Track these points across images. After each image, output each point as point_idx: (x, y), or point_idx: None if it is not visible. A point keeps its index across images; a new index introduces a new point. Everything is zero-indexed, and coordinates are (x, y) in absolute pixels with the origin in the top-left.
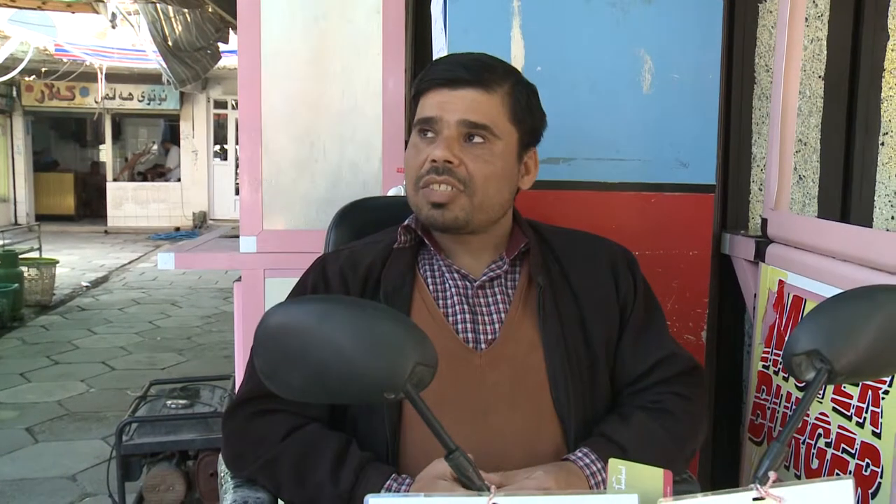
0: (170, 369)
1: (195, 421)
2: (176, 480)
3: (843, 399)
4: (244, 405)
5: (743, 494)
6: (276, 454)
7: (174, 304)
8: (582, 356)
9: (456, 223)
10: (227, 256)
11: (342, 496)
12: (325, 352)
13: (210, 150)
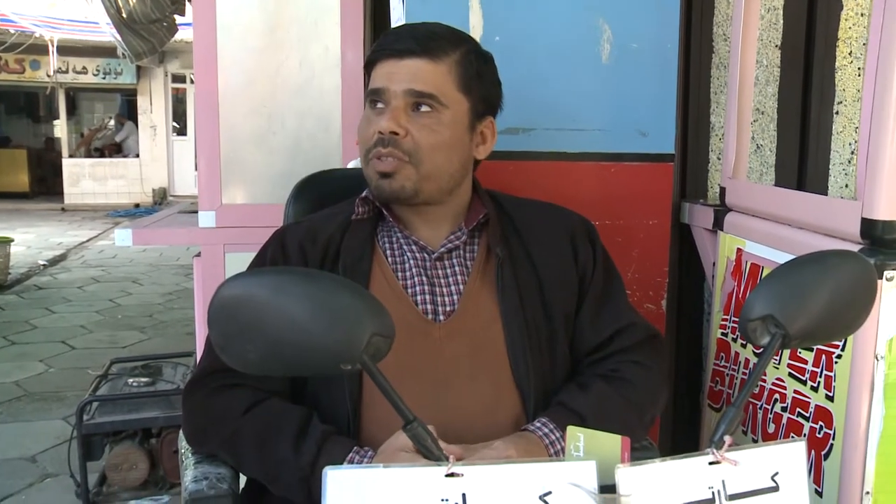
0: (131, 347)
1: (157, 399)
2: (139, 459)
3: (798, 364)
4: (204, 380)
5: (699, 459)
6: (237, 429)
7: (135, 281)
8: (541, 327)
9: (403, 193)
10: (186, 232)
11: (304, 469)
12: (279, 324)
13: (169, 126)
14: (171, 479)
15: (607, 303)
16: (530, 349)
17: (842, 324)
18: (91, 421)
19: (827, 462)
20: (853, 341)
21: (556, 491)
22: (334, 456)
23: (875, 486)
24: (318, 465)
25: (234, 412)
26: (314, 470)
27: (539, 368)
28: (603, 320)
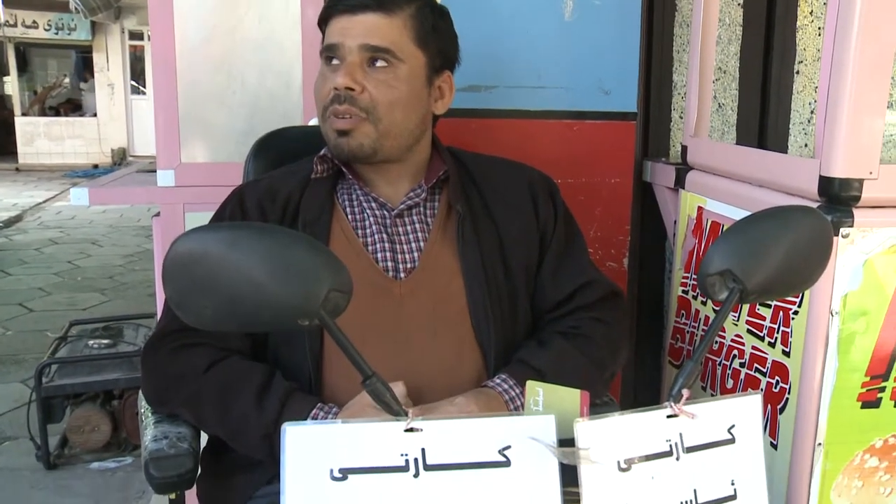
0: (92, 309)
1: (119, 360)
2: (101, 421)
3: (756, 321)
4: (163, 339)
5: (657, 412)
6: (197, 388)
7: (94, 243)
8: (502, 283)
9: (361, 151)
10: (145, 191)
11: (267, 426)
12: (235, 279)
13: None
14: (133, 441)
15: (568, 259)
16: (491, 305)
17: (799, 279)
18: (51, 383)
19: (782, 416)
20: (809, 298)
21: (515, 445)
22: (297, 412)
23: (827, 437)
24: (281, 422)
25: (194, 371)
26: (277, 427)
27: (500, 325)
28: (564, 277)
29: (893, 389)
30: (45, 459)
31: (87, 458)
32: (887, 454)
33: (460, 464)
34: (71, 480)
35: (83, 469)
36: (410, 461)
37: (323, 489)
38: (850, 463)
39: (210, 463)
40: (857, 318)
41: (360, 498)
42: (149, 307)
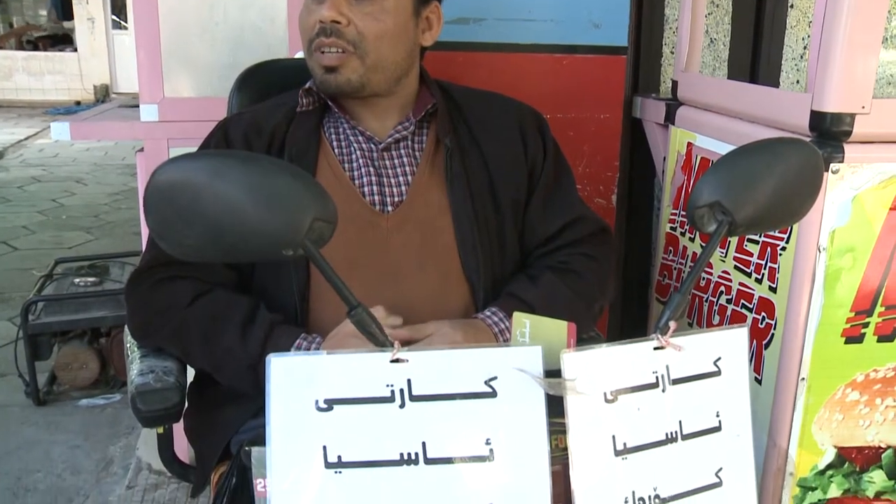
0: (78, 248)
1: (105, 298)
2: (89, 358)
3: (743, 257)
4: (147, 273)
5: (644, 344)
6: (182, 321)
7: (79, 181)
8: (490, 217)
9: (349, 86)
10: (128, 126)
11: (251, 357)
12: (218, 208)
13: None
14: (121, 378)
15: (557, 195)
16: (479, 239)
17: (788, 212)
18: (37, 321)
19: (767, 351)
20: (797, 234)
21: (501, 376)
22: (281, 343)
23: (810, 372)
24: (266, 353)
25: (178, 304)
26: (261, 358)
27: (488, 259)
28: (553, 213)
29: (877, 325)
30: (35, 396)
31: (75, 395)
32: (868, 388)
33: (446, 394)
34: (60, 417)
35: (72, 406)
36: (396, 392)
37: (308, 420)
38: (831, 397)
39: (196, 398)
40: (844, 255)
41: (345, 428)
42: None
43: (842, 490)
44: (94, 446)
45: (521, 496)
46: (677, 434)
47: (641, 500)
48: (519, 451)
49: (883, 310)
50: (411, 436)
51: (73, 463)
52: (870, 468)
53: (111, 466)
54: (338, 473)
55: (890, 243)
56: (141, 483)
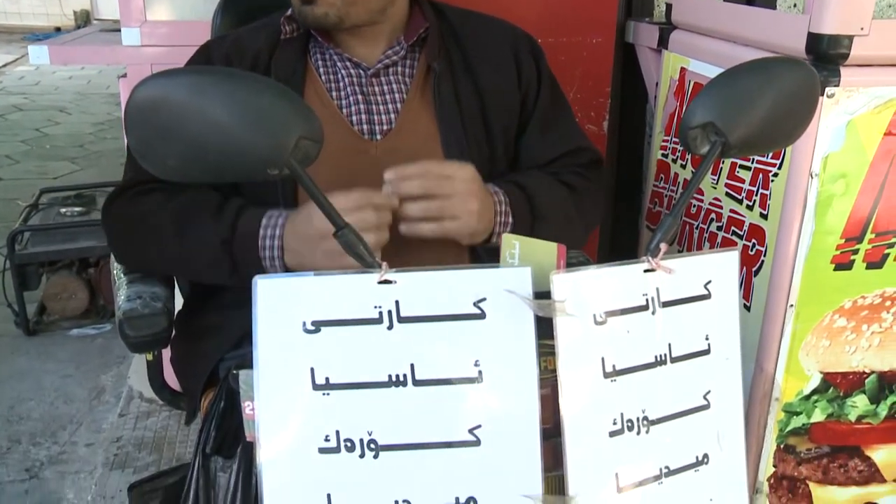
0: (63, 178)
1: (93, 227)
2: (78, 288)
3: (735, 184)
4: (124, 191)
5: (634, 266)
6: (156, 222)
7: (62, 110)
8: (482, 144)
9: (326, 20)
10: (110, 50)
11: (223, 231)
12: (200, 126)
13: None
14: (111, 308)
15: (556, 124)
16: None
17: (782, 134)
18: (24, 251)
19: (757, 278)
20: (790, 159)
21: (490, 297)
22: (252, 218)
23: (799, 299)
24: (238, 226)
25: (153, 209)
26: (233, 231)
27: None
28: (551, 141)
29: (866, 252)
30: (25, 326)
31: (65, 326)
32: (855, 315)
33: (434, 316)
34: (51, 347)
35: (63, 336)
36: (384, 313)
37: (295, 341)
38: (819, 323)
39: (182, 328)
40: (837, 181)
41: (333, 350)
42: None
43: (825, 414)
44: (85, 375)
45: (510, 417)
46: (666, 357)
47: (630, 422)
48: (508, 373)
49: (873, 237)
50: (399, 357)
51: (66, 392)
52: (853, 393)
53: (103, 395)
54: (326, 395)
55: (883, 169)
56: (133, 411)
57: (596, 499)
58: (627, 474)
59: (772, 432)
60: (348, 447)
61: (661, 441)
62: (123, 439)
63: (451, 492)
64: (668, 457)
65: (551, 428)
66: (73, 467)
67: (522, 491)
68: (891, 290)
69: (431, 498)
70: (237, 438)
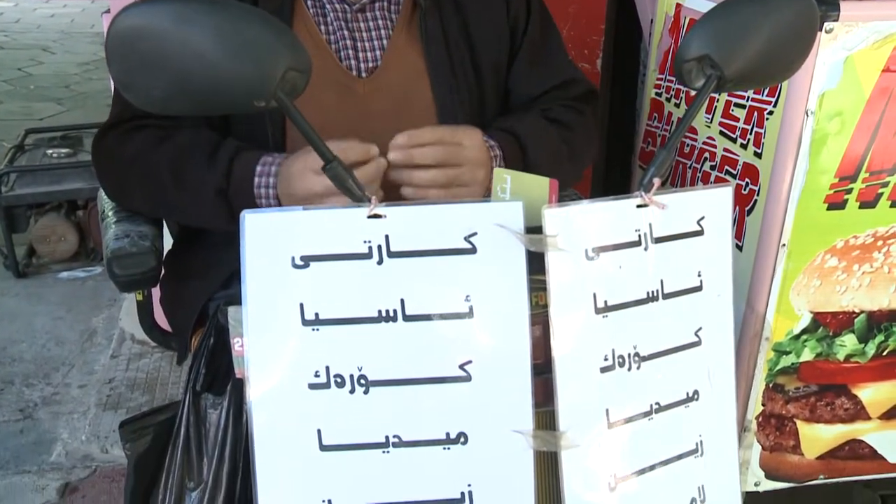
0: (49, 119)
1: (81, 169)
2: (67, 231)
3: (729, 122)
4: (112, 128)
5: (627, 201)
6: (150, 164)
7: (46, 49)
8: (471, 81)
9: None
10: None
11: (218, 181)
12: (184, 55)
13: None
14: (101, 251)
15: (546, 56)
16: (459, 104)
17: (779, 67)
18: (11, 192)
19: (749, 217)
20: (785, 97)
21: (481, 232)
22: (246, 162)
23: (791, 238)
24: (234, 174)
25: (146, 150)
26: (228, 180)
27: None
28: (541, 73)
29: (860, 191)
30: (14, 268)
31: (55, 268)
32: (846, 254)
33: (425, 251)
34: (41, 289)
35: (53, 278)
36: (374, 248)
37: (284, 277)
38: (811, 263)
39: (171, 267)
40: (832, 119)
41: (322, 285)
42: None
43: (814, 354)
44: (76, 318)
45: (501, 353)
46: (658, 293)
47: (621, 358)
48: (499, 308)
49: (867, 175)
50: (389, 292)
51: (57, 334)
52: (842, 332)
53: (95, 337)
54: (315, 331)
55: (879, 107)
56: (125, 353)
57: (586, 434)
58: (618, 410)
59: (761, 371)
60: (338, 383)
61: (651, 377)
62: (116, 380)
63: (441, 427)
64: (658, 393)
65: (542, 363)
66: (67, 408)
67: (513, 426)
68: (883, 230)
69: (422, 433)
70: (227, 376)
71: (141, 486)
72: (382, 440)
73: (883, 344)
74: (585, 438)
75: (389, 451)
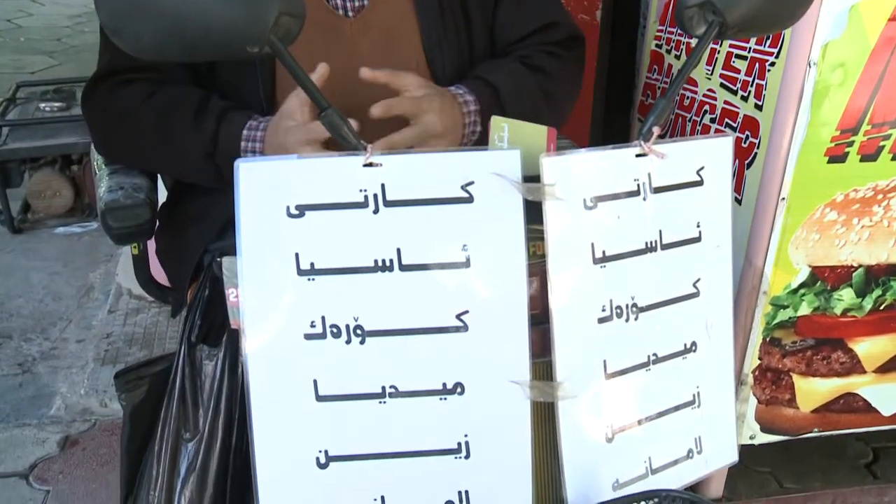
0: (41, 73)
1: (75, 124)
2: (62, 186)
3: (730, 74)
4: (102, 81)
5: (626, 150)
6: (137, 121)
7: (35, 0)
8: (458, 19)
9: None
10: None
11: (206, 144)
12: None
13: None
14: (96, 207)
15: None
16: (447, 43)
17: (782, 13)
18: (4, 146)
19: (749, 170)
20: (787, 47)
21: (478, 181)
22: (233, 126)
23: (791, 192)
24: (220, 139)
25: (134, 105)
26: (216, 144)
27: (456, 63)
28: (527, 13)
29: (861, 144)
30: (9, 223)
31: (51, 224)
32: (846, 208)
33: (421, 199)
34: (37, 244)
35: (48, 234)
36: (369, 197)
37: (279, 226)
38: (810, 217)
39: (166, 218)
40: (835, 70)
41: (318, 235)
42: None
43: (812, 308)
44: (73, 273)
45: (498, 302)
46: (657, 243)
47: (619, 309)
48: (496, 258)
49: (869, 128)
50: (386, 242)
51: (54, 289)
52: (840, 286)
53: (92, 292)
54: (311, 281)
55: (884, 57)
56: (122, 308)
57: (584, 384)
58: (615, 361)
59: (758, 326)
60: (334, 333)
61: (649, 328)
62: (114, 335)
63: (438, 377)
64: (656, 344)
65: (539, 314)
66: (65, 362)
67: (510, 377)
68: (883, 184)
69: (418, 383)
70: (223, 327)
71: (137, 437)
72: (379, 391)
73: (880, 298)
74: (582, 389)
75: (386, 402)
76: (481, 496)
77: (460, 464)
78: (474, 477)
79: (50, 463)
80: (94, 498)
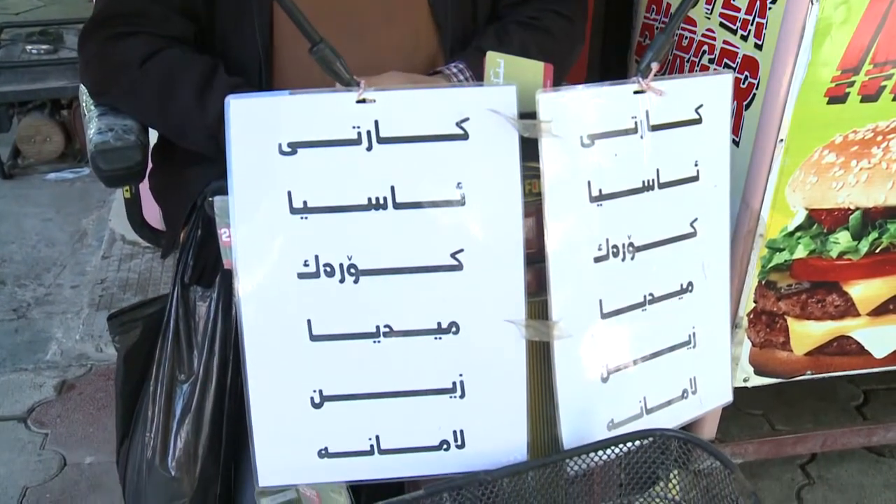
0: (25, 15)
1: (63, 67)
2: (52, 131)
3: (730, 13)
4: (101, 27)
5: (624, 87)
6: (134, 82)
7: None
8: None
9: None
10: None
11: (210, 127)
12: None
13: None
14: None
15: None
16: None
17: None
18: None
19: (748, 112)
20: None
21: (473, 117)
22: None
23: (789, 133)
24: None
25: (131, 62)
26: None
27: (459, 9)
28: None
29: (862, 84)
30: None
31: (42, 170)
32: (845, 150)
33: (415, 136)
34: (29, 190)
35: (40, 180)
36: (363, 134)
37: (271, 164)
38: (808, 159)
39: (161, 157)
40: (838, 7)
41: (310, 173)
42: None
43: (808, 251)
44: (66, 219)
45: (494, 241)
46: (654, 182)
47: (615, 248)
48: (491, 196)
49: (871, 67)
50: (379, 179)
51: (47, 235)
52: (836, 229)
53: (85, 238)
54: (304, 219)
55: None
56: (116, 253)
57: (579, 324)
58: (611, 300)
59: (754, 269)
60: (328, 272)
61: (646, 268)
62: (108, 281)
63: (433, 316)
64: (652, 284)
65: (535, 253)
66: (60, 308)
67: (505, 315)
68: (883, 125)
69: (413, 322)
70: (216, 268)
71: (132, 379)
72: (373, 330)
73: (876, 241)
74: (578, 328)
75: (380, 341)
76: (476, 435)
77: (455, 403)
78: (469, 416)
79: (48, 407)
80: (92, 440)
